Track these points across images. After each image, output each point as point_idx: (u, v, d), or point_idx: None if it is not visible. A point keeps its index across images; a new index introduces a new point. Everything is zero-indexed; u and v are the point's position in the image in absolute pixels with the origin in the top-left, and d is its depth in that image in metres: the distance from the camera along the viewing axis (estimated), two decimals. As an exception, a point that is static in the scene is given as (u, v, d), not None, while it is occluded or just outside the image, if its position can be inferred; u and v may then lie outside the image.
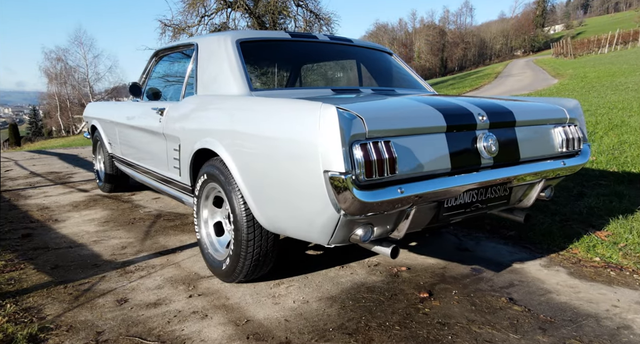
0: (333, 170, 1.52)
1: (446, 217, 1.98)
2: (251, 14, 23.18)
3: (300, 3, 23.63)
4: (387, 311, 2.05)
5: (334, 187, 1.53)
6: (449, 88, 26.45)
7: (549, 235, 3.04)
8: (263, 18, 23.75)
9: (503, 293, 2.24)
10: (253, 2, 23.39)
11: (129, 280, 2.40)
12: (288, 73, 3.22)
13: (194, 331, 1.85)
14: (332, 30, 24.17)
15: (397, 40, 78.77)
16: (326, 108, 1.54)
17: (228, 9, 23.61)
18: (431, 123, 1.79)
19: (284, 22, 24.65)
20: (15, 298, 2.19)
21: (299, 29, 23.88)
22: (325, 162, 1.54)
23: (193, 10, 23.02)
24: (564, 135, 2.28)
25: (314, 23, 24.15)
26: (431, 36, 73.74)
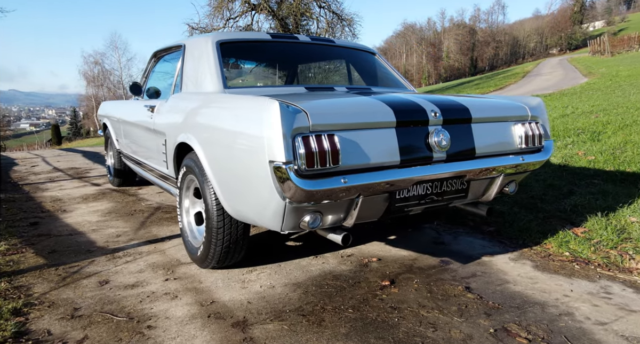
0: (276, 160, 1.67)
1: (400, 208, 2.09)
2: (274, 16, 23.52)
3: (322, 4, 23.82)
4: (346, 296, 2.18)
5: (277, 176, 1.68)
6: (472, 88, 26.13)
7: (526, 231, 3.09)
8: (286, 20, 24.07)
9: (462, 282, 2.34)
10: (277, 4, 23.72)
11: (115, 264, 2.60)
12: (267, 72, 3.37)
13: (162, 310, 2.03)
14: (354, 30, 24.30)
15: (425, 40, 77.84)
16: (271, 103, 1.69)
17: (252, 11, 24.03)
18: (380, 119, 1.91)
19: (307, 24, 24.91)
20: (10, 277, 2.41)
21: (321, 30, 24.09)
22: (270, 153, 1.68)
23: (218, 14, 23.52)
24: (524, 132, 2.35)
25: (337, 24, 24.34)
26: (461, 35, 72.43)
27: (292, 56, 3.19)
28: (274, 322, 1.91)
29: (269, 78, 3.37)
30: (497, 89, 23.29)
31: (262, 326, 1.88)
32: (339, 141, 1.76)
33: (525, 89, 19.28)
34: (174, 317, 1.96)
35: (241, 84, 2.84)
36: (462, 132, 2.17)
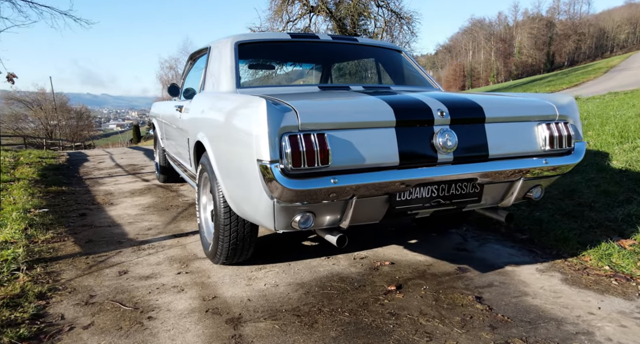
0: (263, 159, 1.67)
1: (403, 211, 2.01)
2: (332, 17, 23.65)
3: (380, 3, 23.58)
4: (347, 299, 2.13)
5: (264, 175, 1.68)
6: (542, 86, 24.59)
7: (563, 240, 2.86)
8: (344, 21, 24.11)
9: (475, 292, 2.21)
10: (335, 5, 23.83)
11: (137, 256, 2.75)
12: (287, 72, 3.38)
13: (166, 302, 2.11)
14: (412, 29, 23.83)
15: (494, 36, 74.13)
16: (259, 102, 1.69)
17: (311, 13, 24.34)
18: (378, 118, 1.86)
19: (364, 24, 24.79)
20: (46, 263, 2.62)
21: (379, 29, 23.87)
22: (257, 152, 1.69)
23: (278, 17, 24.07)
24: (549, 132, 2.18)
25: (395, 23, 23.99)
26: (536, 29, 67.78)
27: (312, 55, 3.19)
28: (267, 321, 1.92)
29: (287, 77, 3.39)
30: (571, 86, 21.77)
31: (255, 324, 1.89)
32: (330, 140, 1.73)
33: (603, 86, 17.84)
34: (175, 310, 2.03)
35: (257, 84, 2.87)
36: (473, 133, 2.05)
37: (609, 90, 13.81)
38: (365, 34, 24.33)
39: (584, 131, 6.67)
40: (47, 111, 34.06)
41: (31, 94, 35.71)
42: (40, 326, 1.89)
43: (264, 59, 3.18)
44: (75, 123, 38.45)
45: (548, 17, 71.30)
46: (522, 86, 28.90)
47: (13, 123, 32.43)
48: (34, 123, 34.38)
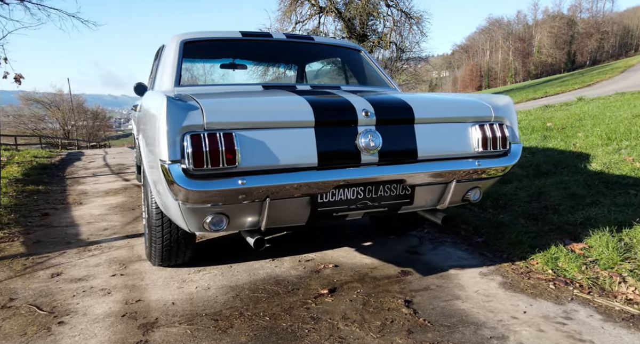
0: (163, 159, 1.63)
1: (327, 212, 1.97)
2: (341, 17, 23.61)
3: (390, 3, 23.52)
4: (274, 303, 2.09)
5: (165, 175, 1.64)
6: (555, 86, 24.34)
7: (516, 244, 2.79)
8: (353, 21, 24.08)
9: (407, 296, 2.16)
10: (344, 5, 23.81)
11: (80, 257, 2.72)
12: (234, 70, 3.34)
13: (85, 306, 2.07)
14: (422, 28, 23.74)
15: (512, 35, 73.02)
16: (162, 100, 1.65)
17: (320, 14, 24.34)
18: (296, 117, 1.81)
19: (374, 24, 24.73)
20: (-14, 263, 2.61)
21: (387, 29, 23.80)
22: (159, 152, 1.66)
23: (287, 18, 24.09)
24: (483, 134, 2.12)
25: (404, 23, 23.91)
26: (556, 28, 66.39)
27: (265, 54, 3.14)
28: (182, 325, 1.88)
29: (235, 76, 3.35)
30: (583, 86, 21.52)
31: (167, 329, 1.85)
32: (240, 140, 1.69)
33: (616, 86, 17.60)
34: (91, 314, 1.99)
35: (202, 83, 2.83)
36: (401, 134, 2.00)
37: (621, 90, 13.60)
38: (374, 35, 24.24)
39: (574, 132, 6.58)
40: (65, 112, 34.50)
41: (49, 95, 36.23)
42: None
43: (212, 58, 3.14)
44: (91, 123, 38.88)
45: (569, 15, 69.57)
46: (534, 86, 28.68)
47: (34, 123, 32.94)
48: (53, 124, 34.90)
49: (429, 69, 35.88)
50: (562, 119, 7.93)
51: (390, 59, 24.34)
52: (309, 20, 24.73)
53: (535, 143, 6.17)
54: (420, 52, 25.29)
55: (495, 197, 3.81)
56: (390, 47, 24.22)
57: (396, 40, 24.24)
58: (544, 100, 17.34)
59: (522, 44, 70.78)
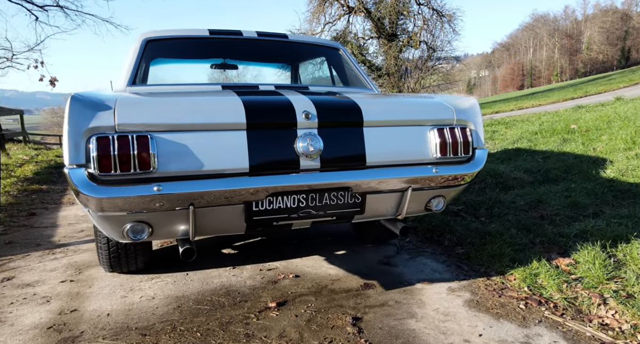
0: (65, 163, 1.55)
1: (265, 221, 1.85)
2: (370, 17, 23.41)
3: (421, 1, 23.11)
4: (214, 316, 1.99)
5: (68, 180, 1.56)
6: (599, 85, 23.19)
7: (498, 257, 2.59)
8: (383, 20, 23.83)
9: (359, 312, 2.01)
10: (374, 5, 23.59)
11: (40, 260, 2.72)
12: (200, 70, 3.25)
13: (18, 315, 2.03)
14: (454, 27, 23.22)
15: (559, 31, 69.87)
16: (69, 99, 1.56)
17: (349, 14, 24.23)
18: (224, 119, 1.70)
19: (404, 23, 24.38)
20: (-45, 265, 2.64)
21: (417, 28, 23.37)
22: (64, 155, 1.57)
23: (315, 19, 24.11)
24: (442, 138, 1.95)
25: (436, 21, 23.43)
26: (608, 23, 62.80)
27: (234, 53, 3.05)
28: (104, 340, 1.80)
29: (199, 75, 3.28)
30: (630, 84, 20.39)
31: (91, 342, 1.78)
32: (159, 143, 1.59)
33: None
34: (18, 324, 1.94)
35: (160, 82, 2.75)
36: (347, 137, 1.86)
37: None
38: (404, 34, 23.88)
39: (598, 135, 6.17)
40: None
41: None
42: None
43: (177, 57, 3.07)
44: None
45: (624, 9, 65.47)
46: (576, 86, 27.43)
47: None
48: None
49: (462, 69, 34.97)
50: (590, 120, 7.47)
51: (421, 59, 23.87)
52: (337, 21, 24.64)
53: (552, 147, 5.82)
54: (452, 51, 24.72)
55: (490, 205, 3.59)
56: (420, 46, 23.75)
57: (427, 39, 23.75)
58: (582, 100, 16.51)
59: (569, 40, 67.50)
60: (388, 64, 23.49)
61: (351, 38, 24.07)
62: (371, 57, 25.37)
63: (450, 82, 27.38)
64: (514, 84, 72.31)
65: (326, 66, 3.04)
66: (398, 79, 23.76)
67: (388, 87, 23.97)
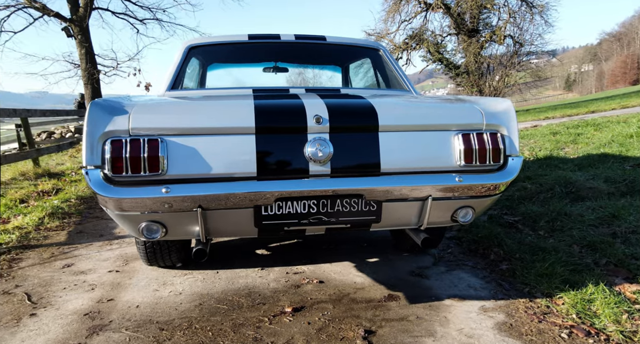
0: (83, 164, 1.64)
1: (275, 227, 1.82)
2: (449, 13, 22.56)
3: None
4: (230, 317, 2.00)
5: (86, 181, 1.64)
6: None
7: (547, 276, 2.32)
8: (463, 16, 22.82)
9: (375, 325, 1.91)
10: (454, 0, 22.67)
11: (99, 250, 2.93)
12: (237, 74, 3.26)
13: (65, 300, 2.20)
14: (547, 18, 21.49)
15: None
16: (90, 104, 1.66)
17: (427, 11, 23.57)
18: (234, 123, 1.70)
19: (487, 17, 23.12)
20: (23, 250, 2.94)
21: (503, 22, 22.00)
22: (82, 157, 1.66)
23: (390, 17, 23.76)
24: (467, 145, 1.79)
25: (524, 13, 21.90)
26: None
27: (273, 56, 3.05)
28: (127, 331, 1.88)
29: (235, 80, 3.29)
30: None
31: (111, 333, 1.86)
32: (169, 146, 1.64)
33: None
34: (63, 309, 2.10)
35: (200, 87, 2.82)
36: (360, 142, 1.77)
37: None
38: (487, 29, 22.66)
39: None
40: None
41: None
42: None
43: (218, 62, 3.14)
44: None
45: None
46: None
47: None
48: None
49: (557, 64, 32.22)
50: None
51: (506, 55, 22.35)
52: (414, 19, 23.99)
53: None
54: (544, 45, 22.79)
55: (553, 217, 3.24)
56: (505, 41, 22.26)
57: (513, 33, 22.20)
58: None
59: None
60: (467, 61, 22.39)
61: (428, 36, 23.26)
62: (449, 55, 24.33)
63: (541, 79, 25.39)
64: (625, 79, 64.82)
65: (368, 67, 2.94)
66: (478, 78, 22.54)
67: (467, 86, 22.85)
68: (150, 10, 14.22)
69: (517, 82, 23.22)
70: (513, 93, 23.91)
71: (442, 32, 24.43)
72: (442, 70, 24.96)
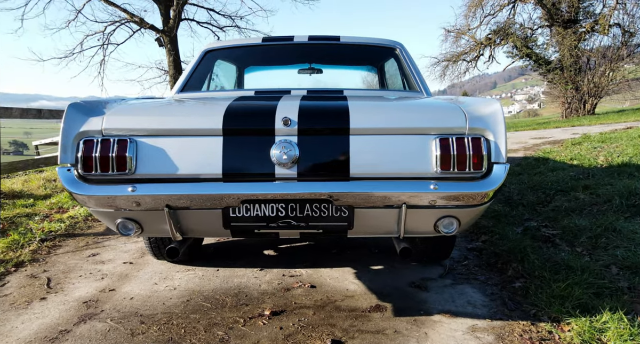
0: (58, 162, 1.75)
1: (244, 229, 1.81)
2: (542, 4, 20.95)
3: None
4: (209, 315, 2.04)
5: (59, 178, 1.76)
6: None
7: (560, 298, 2.08)
8: (559, 5, 21.02)
9: (348, 335, 1.84)
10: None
11: (125, 242, 3.15)
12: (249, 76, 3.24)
13: (76, 287, 2.38)
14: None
15: None
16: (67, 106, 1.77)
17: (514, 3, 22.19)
18: (202, 125, 1.74)
19: (588, 5, 21.02)
20: (66, 238, 3.25)
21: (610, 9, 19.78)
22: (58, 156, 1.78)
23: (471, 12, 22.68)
24: (444, 150, 1.65)
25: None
26: None
27: (287, 58, 3.03)
28: (112, 322, 1.98)
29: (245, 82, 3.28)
30: None
31: (97, 323, 1.97)
32: (138, 147, 1.71)
33: None
34: (70, 295, 2.28)
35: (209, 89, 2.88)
36: (329, 146, 1.72)
37: None
38: (588, 18, 20.60)
39: None
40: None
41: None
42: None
43: (241, 64, 3.19)
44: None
45: None
46: None
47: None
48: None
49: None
50: None
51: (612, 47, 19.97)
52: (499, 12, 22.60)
53: None
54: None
55: (599, 232, 2.88)
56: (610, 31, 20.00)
57: (621, 21, 19.85)
58: None
59: None
60: (561, 55, 20.54)
61: (515, 29, 21.69)
62: (539, 50, 22.47)
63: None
64: None
65: (378, 67, 2.83)
66: (574, 73, 20.54)
67: (560, 83, 20.97)
68: (231, 18, 15.07)
69: (626, 77, 20.64)
70: (620, 90, 21.35)
71: (532, 25, 22.66)
72: (531, 66, 23.22)
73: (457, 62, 23.28)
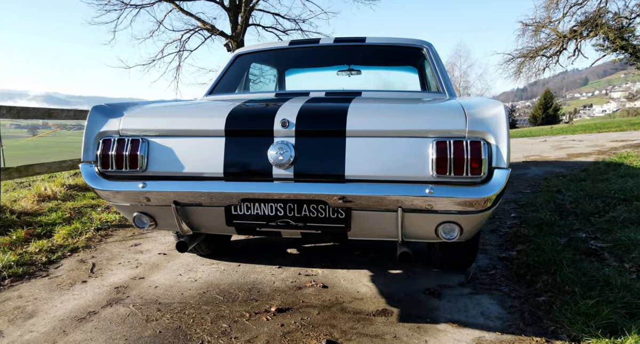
0: (82, 159, 1.92)
1: (246, 226, 1.88)
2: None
3: None
4: (219, 308, 2.13)
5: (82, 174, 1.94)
6: None
7: (587, 317, 1.92)
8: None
9: (343, 337, 1.84)
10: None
11: (165, 234, 3.36)
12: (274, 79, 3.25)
13: (112, 273, 2.60)
14: None
15: None
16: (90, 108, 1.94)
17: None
18: (207, 126, 1.83)
19: None
20: (118, 229, 3.55)
21: None
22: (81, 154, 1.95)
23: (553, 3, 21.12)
24: (440, 153, 1.60)
25: None
26: None
27: (313, 61, 3.03)
28: (133, 308, 2.15)
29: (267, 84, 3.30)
30: None
31: (120, 307, 2.15)
32: (150, 146, 1.84)
33: None
34: (106, 281, 2.50)
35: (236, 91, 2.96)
36: (325, 148, 1.73)
37: None
38: None
39: None
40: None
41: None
42: (33, 267, 2.71)
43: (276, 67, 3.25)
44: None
45: None
46: None
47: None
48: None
49: None
50: None
51: None
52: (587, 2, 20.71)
53: None
54: None
55: (653, 245, 2.60)
56: None
57: None
58: None
59: None
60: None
61: (607, 19, 19.78)
62: (638, 41, 20.29)
63: None
64: None
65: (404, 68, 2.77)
66: (679, 66, 18.31)
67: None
68: (295, 21, 15.41)
69: None
70: None
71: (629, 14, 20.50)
72: (626, 60, 21.08)
73: (535, 58, 21.76)
